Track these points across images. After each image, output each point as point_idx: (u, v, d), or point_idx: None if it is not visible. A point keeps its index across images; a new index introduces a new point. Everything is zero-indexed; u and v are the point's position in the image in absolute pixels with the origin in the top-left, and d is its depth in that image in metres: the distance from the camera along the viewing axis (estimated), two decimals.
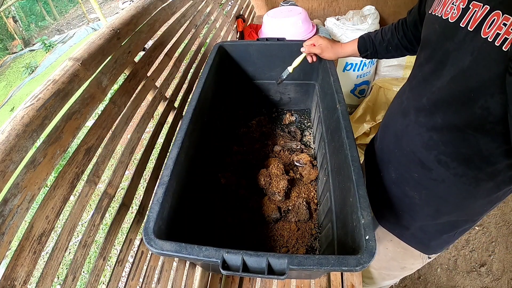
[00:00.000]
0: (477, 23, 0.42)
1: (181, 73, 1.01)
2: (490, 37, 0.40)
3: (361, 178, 0.54)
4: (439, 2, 0.51)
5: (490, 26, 0.40)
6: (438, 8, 0.51)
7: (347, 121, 0.66)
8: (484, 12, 0.41)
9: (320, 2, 1.95)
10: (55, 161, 0.50)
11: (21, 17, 7.28)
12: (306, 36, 1.37)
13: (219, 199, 0.88)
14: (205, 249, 0.45)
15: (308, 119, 1.17)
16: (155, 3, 0.87)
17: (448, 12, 0.48)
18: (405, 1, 1.82)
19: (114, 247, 0.93)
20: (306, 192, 0.89)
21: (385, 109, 1.67)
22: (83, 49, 0.61)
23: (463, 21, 0.45)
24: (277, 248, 0.78)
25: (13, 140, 0.43)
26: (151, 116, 0.82)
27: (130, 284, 0.59)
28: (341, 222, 0.61)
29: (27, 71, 5.01)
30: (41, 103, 0.49)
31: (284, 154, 1.00)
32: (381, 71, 1.84)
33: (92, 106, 0.60)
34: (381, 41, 0.76)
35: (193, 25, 1.12)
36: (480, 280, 1.37)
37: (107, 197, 0.60)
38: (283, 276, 0.43)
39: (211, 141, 0.88)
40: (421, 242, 0.69)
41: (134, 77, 0.75)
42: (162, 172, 0.57)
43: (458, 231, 0.65)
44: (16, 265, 0.41)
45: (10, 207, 0.41)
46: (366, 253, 0.44)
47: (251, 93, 1.14)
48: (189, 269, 0.75)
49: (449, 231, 0.64)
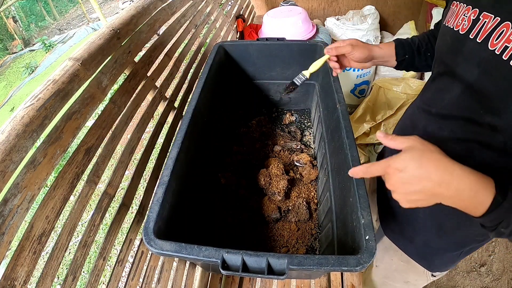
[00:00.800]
0: (485, 34, 0.40)
1: (181, 73, 1.01)
2: (497, 50, 0.38)
3: (361, 178, 0.54)
4: (452, 13, 0.50)
5: (498, 38, 0.38)
6: (451, 19, 0.49)
7: (347, 121, 0.66)
8: (495, 24, 0.39)
9: (320, 2, 1.95)
10: (55, 161, 0.50)
11: (21, 17, 7.28)
12: (306, 36, 1.37)
13: (219, 199, 0.88)
14: (205, 249, 0.45)
15: (308, 119, 1.17)
16: (155, 3, 0.87)
17: (460, 24, 0.46)
18: (405, 1, 1.82)
19: (114, 247, 0.93)
20: (306, 192, 0.89)
21: (385, 109, 1.67)
22: (83, 49, 0.61)
23: (472, 32, 0.43)
24: (277, 248, 0.78)
25: (13, 140, 0.43)
26: (151, 116, 0.82)
27: (130, 284, 0.59)
28: (341, 222, 0.61)
29: (27, 71, 5.01)
30: (41, 103, 0.49)
31: (284, 154, 1.00)
32: (381, 71, 1.84)
33: (92, 106, 0.60)
34: (419, 45, 0.68)
35: (193, 25, 1.12)
36: (480, 280, 1.37)
37: (107, 197, 0.60)
38: (283, 276, 0.43)
39: (211, 141, 0.88)
40: (425, 258, 0.67)
41: (134, 77, 0.75)
42: (162, 172, 0.57)
43: (463, 250, 0.61)
44: (16, 265, 0.41)
45: (10, 207, 0.41)
46: (366, 253, 0.44)
47: (251, 93, 1.14)
48: (189, 269, 0.75)
49: (453, 250, 0.61)
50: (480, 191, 0.36)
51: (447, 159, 0.37)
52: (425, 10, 1.74)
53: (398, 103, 1.67)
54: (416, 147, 0.39)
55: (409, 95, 1.57)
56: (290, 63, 1.03)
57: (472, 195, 0.36)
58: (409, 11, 1.85)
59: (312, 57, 0.99)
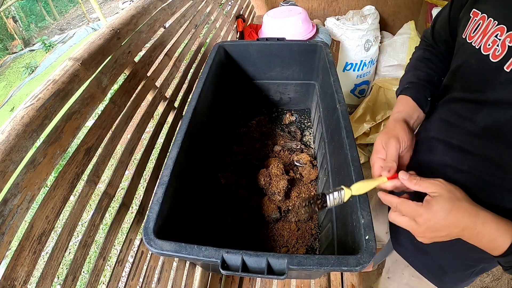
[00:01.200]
0: None
1: (181, 73, 1.01)
2: None
3: (361, 178, 0.54)
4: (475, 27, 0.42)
5: None
6: (474, 36, 0.42)
7: (347, 121, 0.66)
8: None
9: (320, 2, 1.95)
10: (55, 161, 0.50)
11: (21, 17, 7.28)
12: (306, 36, 1.37)
13: (219, 199, 0.88)
14: (204, 249, 0.45)
15: (308, 119, 1.17)
16: (155, 3, 0.87)
17: (490, 47, 0.39)
18: (405, 1, 1.82)
19: (114, 247, 0.93)
20: (306, 192, 0.89)
21: (385, 109, 1.67)
22: (83, 49, 0.61)
23: (509, 64, 0.36)
24: (277, 248, 0.78)
25: (13, 140, 0.43)
26: (151, 116, 0.82)
27: (130, 284, 0.59)
28: (341, 222, 0.61)
29: (27, 71, 5.01)
30: (41, 103, 0.49)
31: (284, 154, 1.00)
32: (381, 71, 1.84)
33: (92, 106, 0.60)
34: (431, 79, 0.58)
35: (193, 25, 1.12)
36: (480, 280, 1.37)
37: (107, 197, 0.60)
38: (282, 276, 0.43)
39: (211, 141, 0.88)
40: (434, 275, 0.64)
41: (134, 77, 0.75)
42: (162, 172, 0.57)
43: (474, 270, 0.58)
44: (16, 265, 0.41)
45: (10, 207, 0.41)
46: (366, 253, 0.44)
47: (251, 93, 1.14)
48: (189, 269, 0.76)
49: (464, 269, 0.58)
50: (499, 238, 0.37)
51: (473, 206, 0.39)
52: (425, 10, 1.74)
53: None
54: (444, 196, 0.40)
55: None
56: (290, 63, 1.03)
57: (491, 240, 0.38)
58: (409, 11, 1.85)
59: (312, 57, 0.99)
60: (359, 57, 1.72)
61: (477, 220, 0.38)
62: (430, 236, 0.41)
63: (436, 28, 0.60)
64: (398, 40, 1.73)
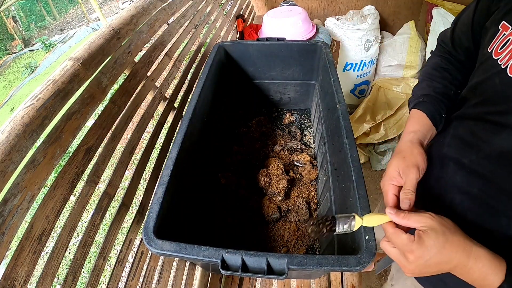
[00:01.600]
0: None
1: (181, 73, 1.01)
2: None
3: (361, 178, 0.54)
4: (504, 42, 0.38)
5: None
6: (502, 53, 0.38)
7: (347, 121, 0.66)
8: None
9: (320, 2, 1.95)
10: (55, 161, 0.50)
11: (21, 17, 7.28)
12: (306, 36, 1.37)
13: (219, 199, 0.88)
14: (204, 249, 0.45)
15: (308, 119, 1.17)
16: (155, 3, 0.87)
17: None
18: (405, 1, 1.82)
19: (114, 247, 0.93)
20: (306, 192, 0.89)
21: (385, 109, 1.68)
22: (83, 49, 0.61)
23: None
24: (277, 248, 0.78)
25: (13, 140, 0.43)
26: (151, 116, 0.82)
27: (130, 284, 0.59)
28: None
29: (27, 71, 5.01)
30: (41, 103, 0.49)
31: (284, 154, 1.00)
32: (381, 71, 1.84)
33: (92, 106, 0.60)
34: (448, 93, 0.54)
35: (193, 25, 1.12)
36: None
37: (107, 197, 0.60)
38: (282, 276, 0.43)
39: (211, 141, 0.88)
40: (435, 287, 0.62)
41: (134, 77, 0.75)
42: (162, 172, 0.57)
43: None
44: (16, 265, 0.41)
45: (10, 207, 0.41)
46: (366, 253, 0.44)
47: (251, 93, 1.14)
48: (189, 269, 0.76)
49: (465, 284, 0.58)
50: (490, 275, 0.36)
51: (466, 239, 0.37)
52: (425, 10, 1.74)
53: (398, 103, 1.67)
54: (436, 229, 0.37)
55: (409, 95, 1.57)
56: (290, 63, 1.03)
57: (482, 277, 0.37)
58: (409, 11, 1.85)
59: (312, 57, 0.99)
60: (359, 57, 1.72)
61: (470, 255, 0.36)
62: (419, 272, 0.39)
63: (456, 32, 0.55)
64: (398, 40, 1.73)
